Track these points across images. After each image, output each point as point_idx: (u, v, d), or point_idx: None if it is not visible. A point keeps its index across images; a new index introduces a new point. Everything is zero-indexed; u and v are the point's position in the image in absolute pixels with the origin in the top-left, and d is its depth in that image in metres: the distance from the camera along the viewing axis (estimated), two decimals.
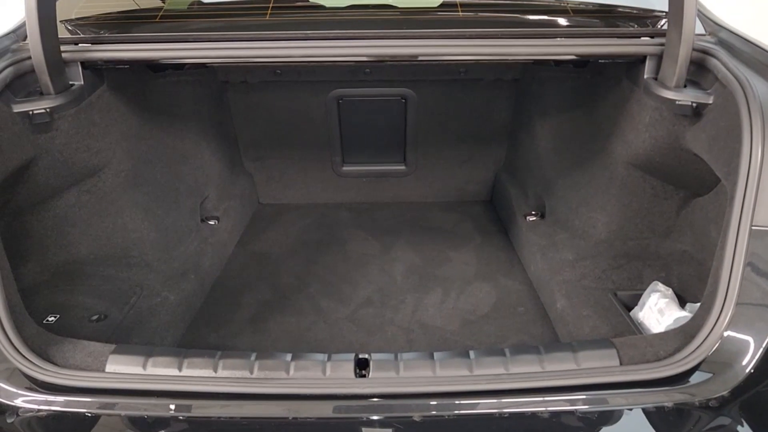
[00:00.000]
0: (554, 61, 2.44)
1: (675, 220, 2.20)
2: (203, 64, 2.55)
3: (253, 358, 1.33)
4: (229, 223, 2.81)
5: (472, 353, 1.36)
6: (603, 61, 2.00)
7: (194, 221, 2.51)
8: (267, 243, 2.88)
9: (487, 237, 2.91)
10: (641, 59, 1.91)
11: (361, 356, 1.35)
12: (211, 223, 2.65)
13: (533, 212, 2.67)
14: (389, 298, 2.36)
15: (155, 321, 1.99)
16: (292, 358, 1.36)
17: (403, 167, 3.22)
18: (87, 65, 1.92)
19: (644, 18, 2.20)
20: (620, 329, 1.87)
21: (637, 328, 1.88)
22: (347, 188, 3.32)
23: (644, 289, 2.01)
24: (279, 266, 2.64)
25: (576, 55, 1.93)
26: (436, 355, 1.34)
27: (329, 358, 1.36)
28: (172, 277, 2.21)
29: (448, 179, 3.28)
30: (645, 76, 1.91)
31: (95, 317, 1.95)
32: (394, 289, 2.43)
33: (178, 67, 2.50)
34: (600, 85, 2.28)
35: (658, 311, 1.92)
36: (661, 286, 2.02)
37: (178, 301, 2.13)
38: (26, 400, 1.28)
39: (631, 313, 2.00)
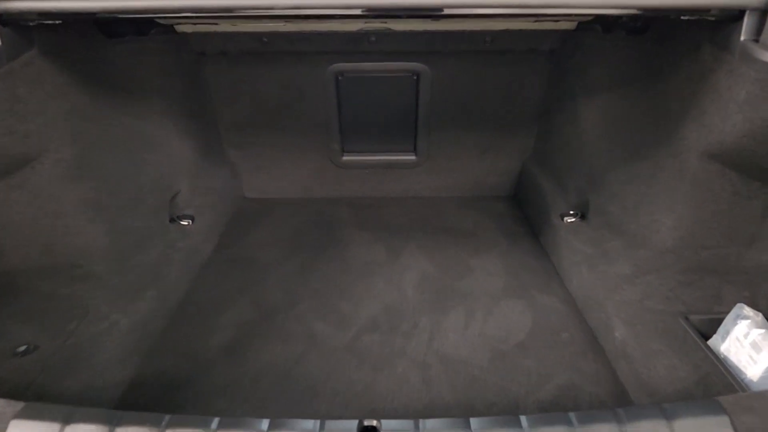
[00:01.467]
0: (607, 22, 1.97)
1: (761, 225, 1.74)
2: (170, 29, 2.08)
3: (214, 426, 1.03)
4: (205, 223, 2.35)
5: (524, 420, 1.05)
6: (684, 17, 1.51)
7: (159, 222, 2.05)
8: (251, 247, 2.42)
9: (514, 240, 2.45)
10: (737, 15, 1.44)
11: (367, 423, 1.07)
12: (183, 223, 2.19)
13: (572, 212, 2.20)
14: (399, 320, 1.91)
15: (100, 354, 1.55)
16: (270, 428, 1.00)
17: (413, 157, 2.75)
18: (6, 20, 1.45)
19: None
20: (704, 370, 1.44)
21: (729, 371, 1.44)
22: (347, 181, 2.85)
23: (725, 313, 1.60)
24: (264, 276, 2.18)
25: (652, 8, 1.45)
26: (474, 423, 1.05)
27: (322, 427, 1.01)
28: (126, 293, 1.76)
29: (465, 171, 2.81)
30: (742, 38, 1.44)
31: (22, 348, 1.52)
32: (406, 307, 1.98)
33: (141, 32, 2.02)
34: (667, 55, 1.80)
35: (751, 345, 1.49)
36: (748, 310, 1.59)
37: (132, 326, 1.68)
38: None
39: (710, 343, 1.57)
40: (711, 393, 1.38)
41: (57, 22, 1.59)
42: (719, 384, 1.39)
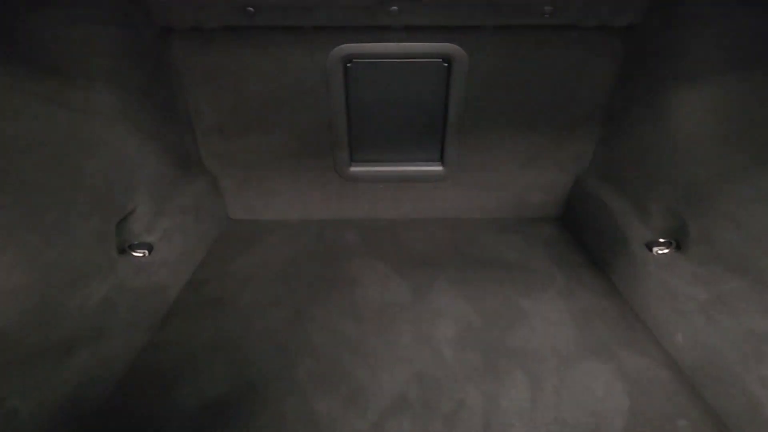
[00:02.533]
0: None
1: None
2: None
3: None
4: (173, 253, 1.79)
5: None
6: None
7: (102, 253, 1.48)
8: (233, 284, 1.85)
9: (574, 275, 1.89)
10: None
11: None
12: (137, 254, 1.61)
13: (662, 239, 1.64)
14: (437, 395, 1.35)
15: None
16: None
17: (439, 168, 2.20)
18: None
19: None
20: None
21: None
22: (357, 198, 2.29)
23: None
24: (248, 327, 1.62)
25: None
26: None
27: None
28: (39, 361, 1.19)
29: (504, 186, 2.26)
30: None
31: None
32: (444, 374, 1.42)
33: None
34: None
35: None
36: None
37: (43, 416, 1.11)
38: None
39: None
40: None
41: None
42: None
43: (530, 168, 2.20)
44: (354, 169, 2.21)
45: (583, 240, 2.11)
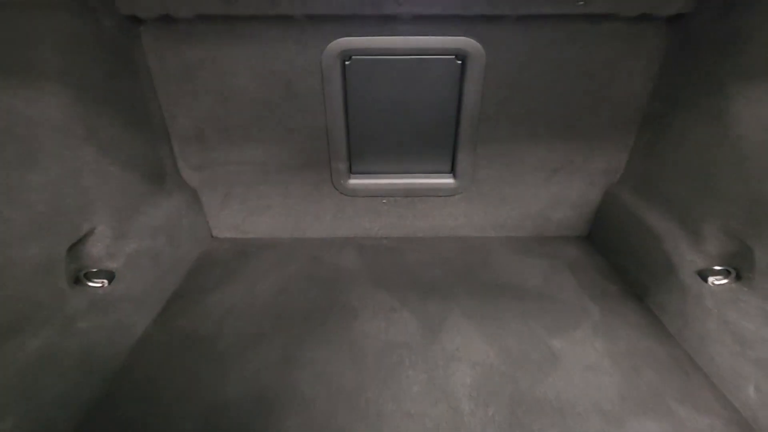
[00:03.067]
0: None
1: None
2: None
3: None
4: (139, 283, 1.52)
5: None
6: None
7: (48, 286, 1.22)
8: (213, 318, 1.59)
9: (611, 306, 1.62)
10: None
11: None
12: (94, 285, 1.35)
13: (717, 267, 1.38)
14: None
15: None
16: None
17: (450, 180, 1.94)
18: None
19: None
20: None
21: None
22: (356, 215, 2.03)
23: None
24: (224, 372, 1.36)
25: None
26: None
27: None
28: None
29: (524, 201, 2.00)
30: None
31: None
32: None
33: None
34: None
35: None
36: None
37: None
38: None
39: None
40: None
41: None
42: None
43: (554, 181, 1.93)
44: (353, 181, 1.95)
45: (616, 263, 1.84)
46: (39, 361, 1.13)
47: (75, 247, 1.33)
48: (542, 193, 1.97)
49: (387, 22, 1.56)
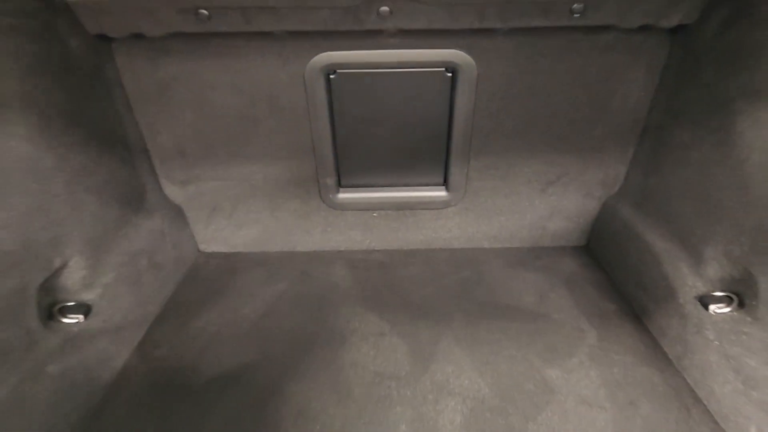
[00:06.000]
0: None
1: None
2: None
3: None
4: (118, 313, 1.47)
5: None
6: None
7: (12, 328, 1.16)
8: (194, 346, 1.53)
9: (607, 328, 1.57)
10: None
11: None
12: (69, 321, 1.30)
13: (717, 293, 1.31)
14: None
15: None
16: None
17: (442, 193, 1.87)
18: None
19: None
20: None
21: None
22: (346, 229, 1.97)
23: None
24: (206, 411, 1.30)
25: None
26: None
27: None
28: None
29: (518, 213, 1.93)
30: None
31: None
32: None
33: None
34: None
35: None
36: None
37: None
38: None
39: None
40: None
41: None
42: None
43: (549, 192, 1.86)
44: (342, 195, 1.88)
45: (614, 277, 1.78)
46: (6, 409, 1.08)
47: (48, 281, 1.28)
48: (537, 203, 1.90)
49: (373, 36, 1.47)
